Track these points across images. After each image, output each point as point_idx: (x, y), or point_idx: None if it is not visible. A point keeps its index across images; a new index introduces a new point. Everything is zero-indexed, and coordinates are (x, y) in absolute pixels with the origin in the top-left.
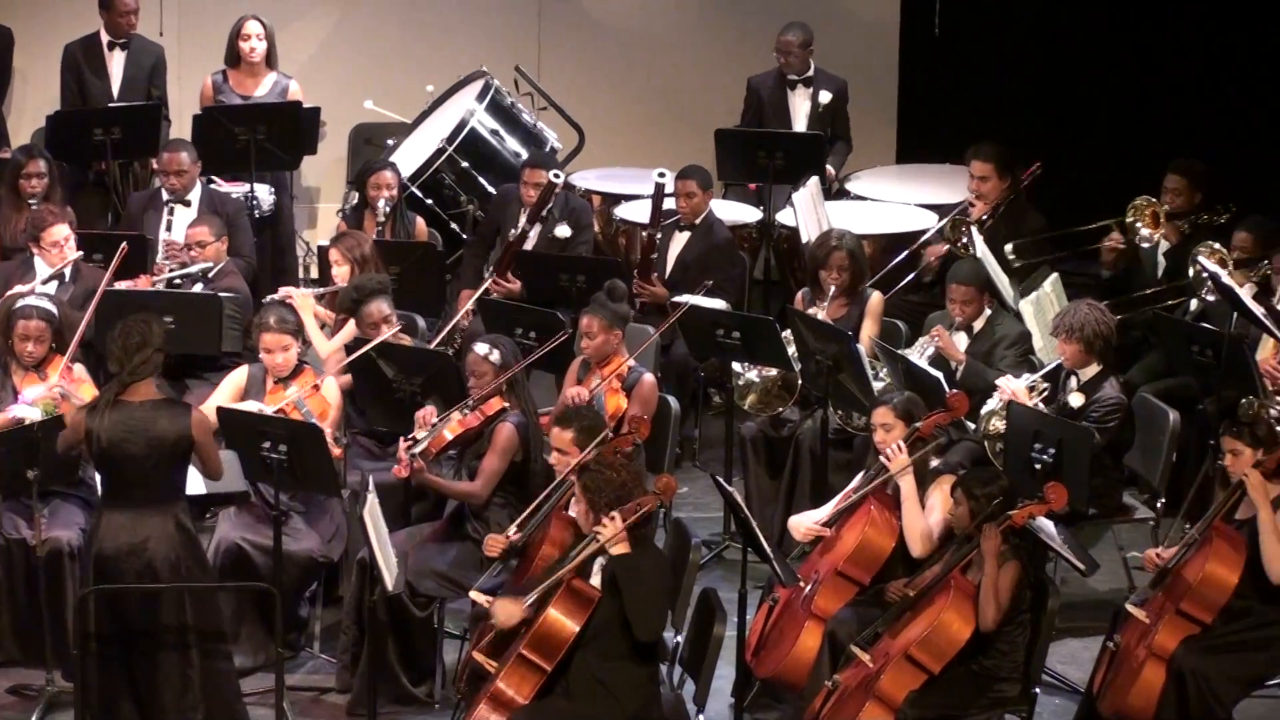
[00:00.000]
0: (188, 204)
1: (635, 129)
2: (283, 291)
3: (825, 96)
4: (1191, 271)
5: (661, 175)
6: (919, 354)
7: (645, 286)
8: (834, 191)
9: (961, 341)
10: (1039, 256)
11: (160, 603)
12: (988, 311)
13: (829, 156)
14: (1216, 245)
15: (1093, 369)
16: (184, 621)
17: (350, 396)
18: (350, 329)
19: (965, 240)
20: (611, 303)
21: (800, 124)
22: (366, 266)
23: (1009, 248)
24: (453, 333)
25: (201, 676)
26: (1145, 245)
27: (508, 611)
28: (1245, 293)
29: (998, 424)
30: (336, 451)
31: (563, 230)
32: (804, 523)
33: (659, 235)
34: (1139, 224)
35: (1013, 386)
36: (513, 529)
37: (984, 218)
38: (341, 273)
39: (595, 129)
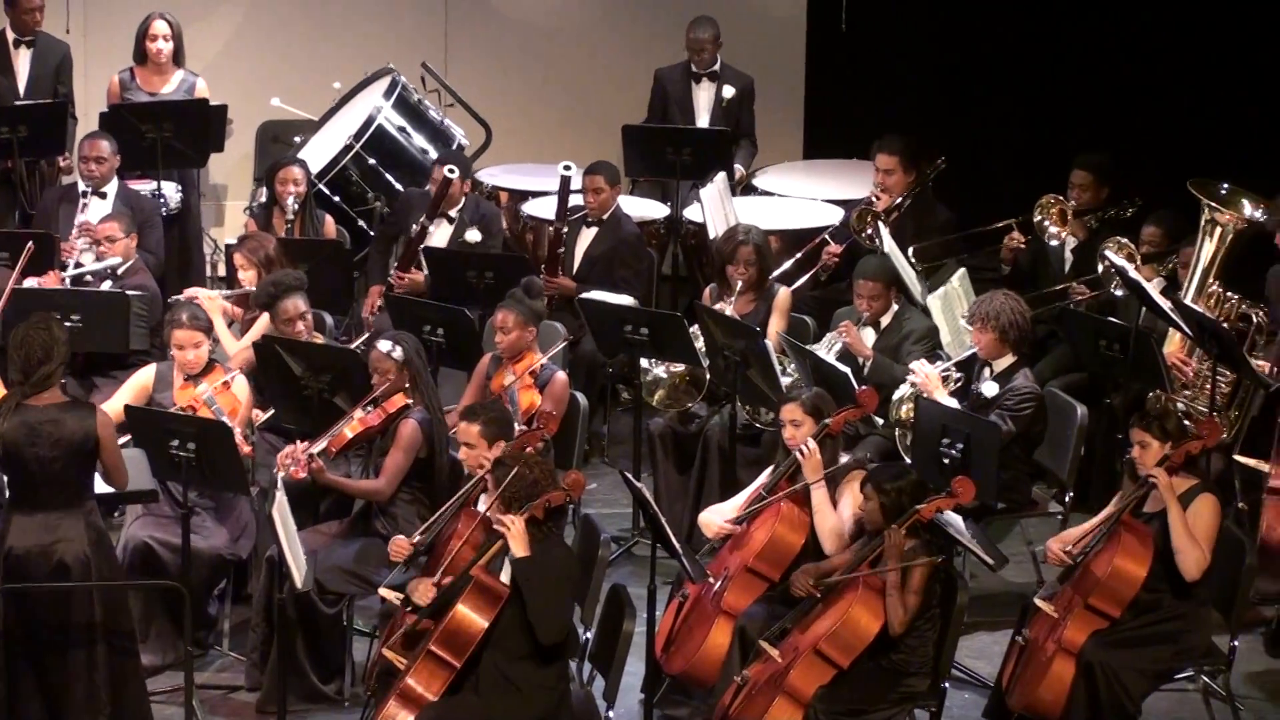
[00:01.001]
0: (103, 196)
1: (542, 125)
2: (189, 293)
3: (729, 91)
4: (1100, 267)
5: (567, 168)
6: (827, 349)
7: (553, 281)
8: (742, 189)
9: (869, 337)
10: (945, 252)
11: (71, 603)
12: (895, 307)
13: (739, 158)
14: (1124, 240)
15: (1007, 360)
16: (93, 621)
17: (259, 391)
18: (263, 324)
19: (870, 233)
20: (529, 299)
21: (704, 118)
22: (272, 267)
23: (911, 251)
24: (362, 330)
25: (109, 676)
26: (1053, 243)
27: (424, 589)
28: (1153, 287)
29: (908, 412)
30: (247, 449)
31: (473, 235)
32: (715, 521)
33: (565, 230)
34: (1046, 222)
35: (926, 370)
36: (417, 535)
37: (888, 210)
38: (248, 277)
39: (502, 125)
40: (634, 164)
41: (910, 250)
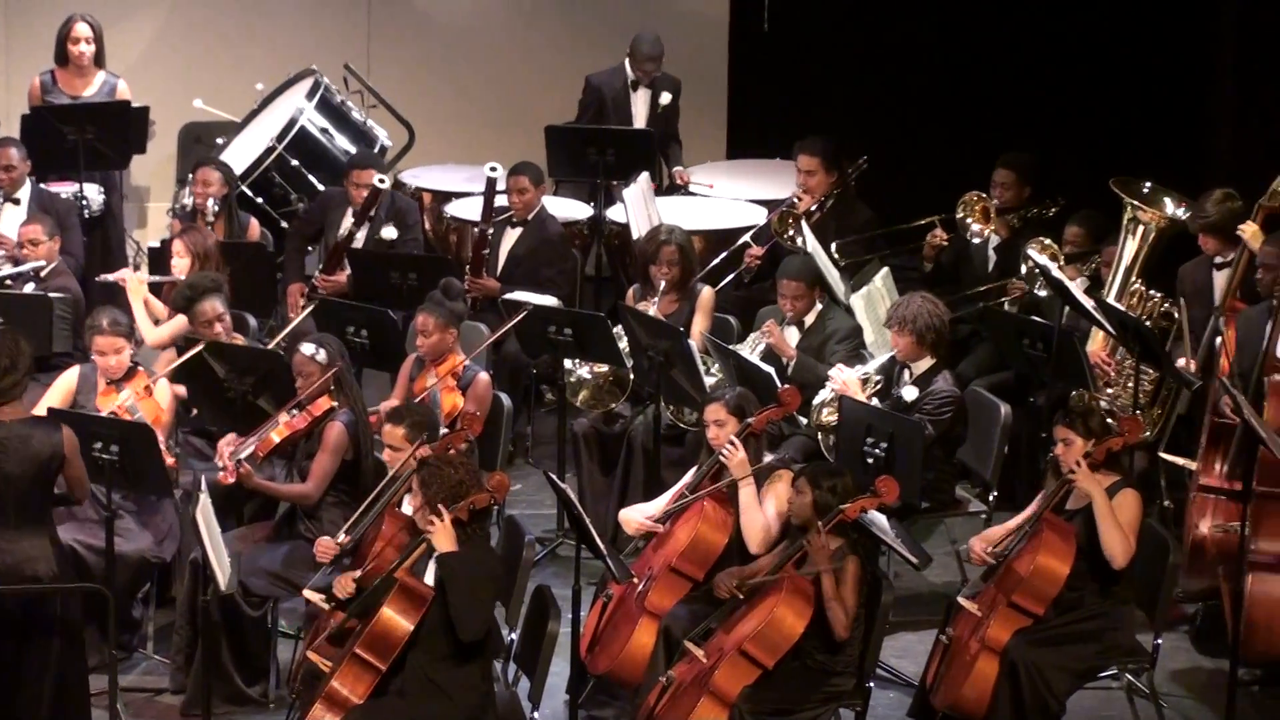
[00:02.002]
0: (17, 202)
1: (465, 126)
2: (117, 274)
3: (666, 98)
4: (1024, 267)
5: (493, 170)
6: (750, 349)
7: (477, 282)
8: (674, 190)
9: (793, 337)
10: (867, 251)
11: (35, 613)
12: (819, 306)
13: (669, 157)
14: (1047, 240)
15: (926, 362)
16: (53, 631)
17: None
18: (180, 323)
19: (793, 233)
20: (448, 301)
21: (640, 124)
22: (207, 263)
23: (834, 247)
24: (285, 329)
25: (56, 685)
26: (976, 240)
27: (344, 582)
28: (1076, 286)
29: (829, 416)
30: (169, 460)
31: (389, 232)
32: (635, 517)
33: (490, 231)
34: (969, 220)
35: (845, 376)
36: (342, 534)
37: (810, 210)
38: (182, 265)
39: (425, 126)
40: (557, 165)
41: (834, 246)
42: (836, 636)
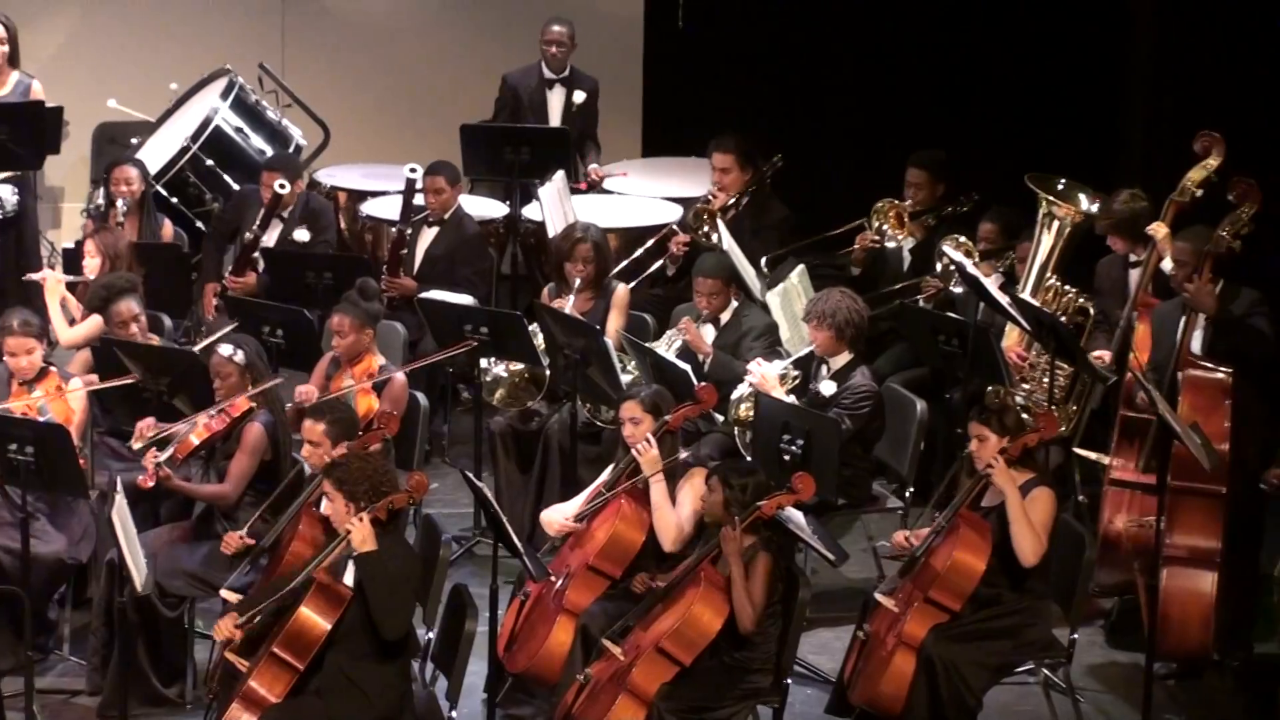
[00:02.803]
0: None
1: (381, 125)
2: (39, 274)
3: (580, 96)
4: (940, 265)
5: (413, 170)
6: (666, 346)
7: (394, 281)
8: (591, 188)
9: (709, 334)
10: (783, 248)
11: None
12: (734, 304)
13: (584, 156)
14: (962, 239)
15: (844, 357)
16: None
17: (96, 394)
18: (95, 323)
19: (708, 229)
20: (363, 301)
21: (555, 123)
22: (119, 263)
23: (765, 262)
24: (201, 332)
25: None
26: (891, 244)
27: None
28: (991, 283)
29: (747, 412)
30: (80, 462)
31: (301, 234)
32: (556, 519)
33: (409, 231)
34: (885, 226)
35: (763, 371)
36: (244, 530)
37: (726, 207)
38: (93, 265)
39: (341, 125)
40: (472, 163)
41: (764, 261)
42: (740, 629)
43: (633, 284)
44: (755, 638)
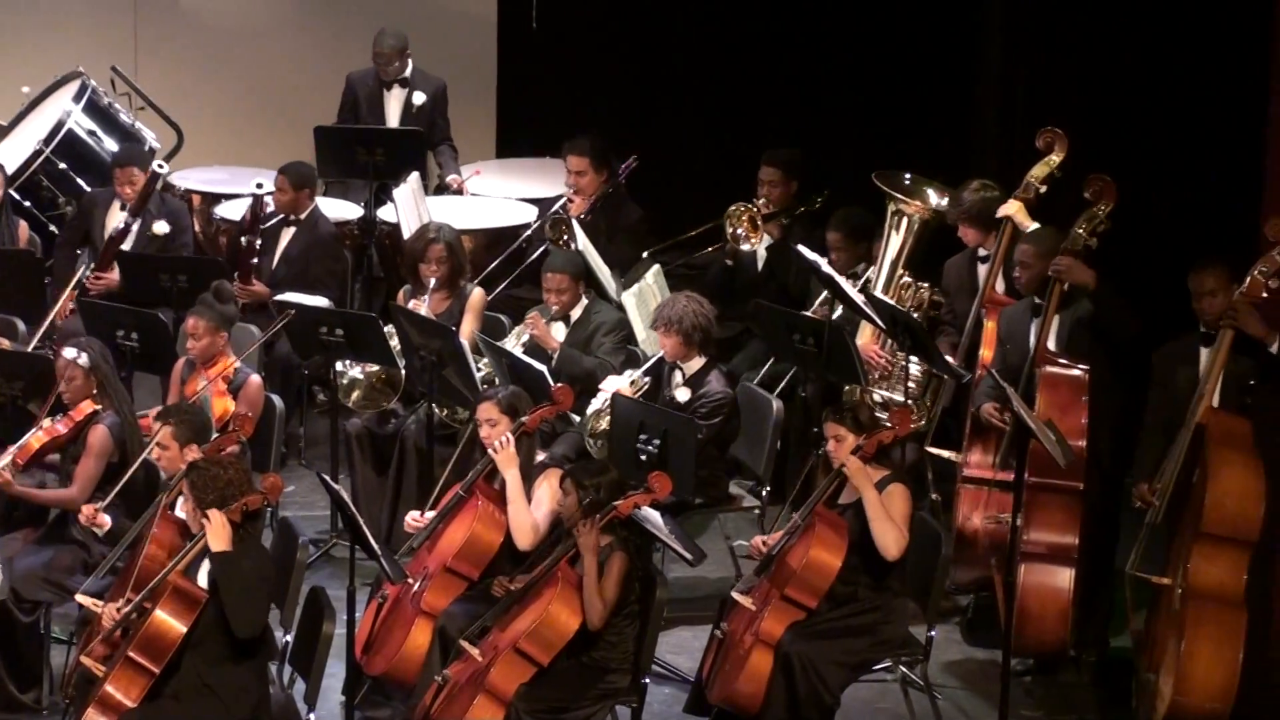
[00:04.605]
0: None
1: (235, 127)
2: None
3: (420, 98)
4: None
5: (260, 186)
6: (515, 342)
7: (247, 289)
8: (444, 189)
9: (560, 333)
10: (638, 248)
11: None
12: (584, 301)
13: (444, 164)
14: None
15: (696, 362)
16: None
17: None
18: None
19: (567, 237)
20: (218, 304)
21: (394, 124)
22: None
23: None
24: (50, 332)
25: None
26: (745, 247)
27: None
28: (845, 280)
29: (602, 424)
30: None
31: (160, 226)
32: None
33: (259, 241)
34: (739, 231)
35: (615, 386)
36: (100, 505)
37: (583, 215)
38: None
39: (194, 128)
40: (326, 165)
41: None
42: (590, 626)
43: (495, 291)
44: (610, 637)
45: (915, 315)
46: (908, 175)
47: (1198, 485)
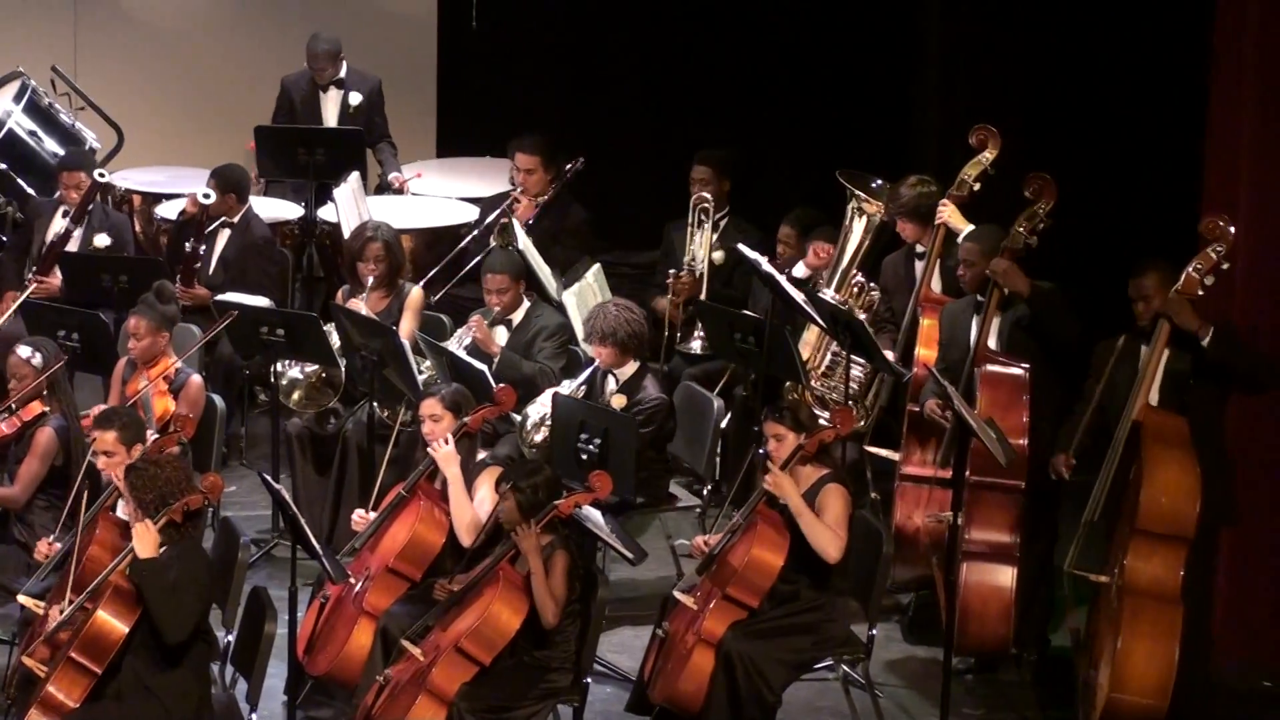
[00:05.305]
0: None
1: (175, 127)
2: None
3: (356, 99)
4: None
5: (206, 196)
6: (457, 344)
7: (188, 292)
8: (385, 189)
9: (502, 336)
10: (582, 250)
11: None
12: (527, 303)
13: (384, 162)
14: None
15: (630, 367)
16: None
17: None
18: None
19: (509, 241)
20: (160, 304)
21: (331, 125)
22: None
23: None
24: None
25: None
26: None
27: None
28: (785, 280)
29: (541, 435)
30: None
31: (102, 239)
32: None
33: (202, 247)
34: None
35: (554, 395)
36: (53, 538)
37: (530, 221)
38: None
39: (135, 128)
40: (267, 165)
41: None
42: (545, 624)
43: (440, 292)
44: (555, 636)
45: (863, 317)
46: (876, 179)
47: (1134, 482)
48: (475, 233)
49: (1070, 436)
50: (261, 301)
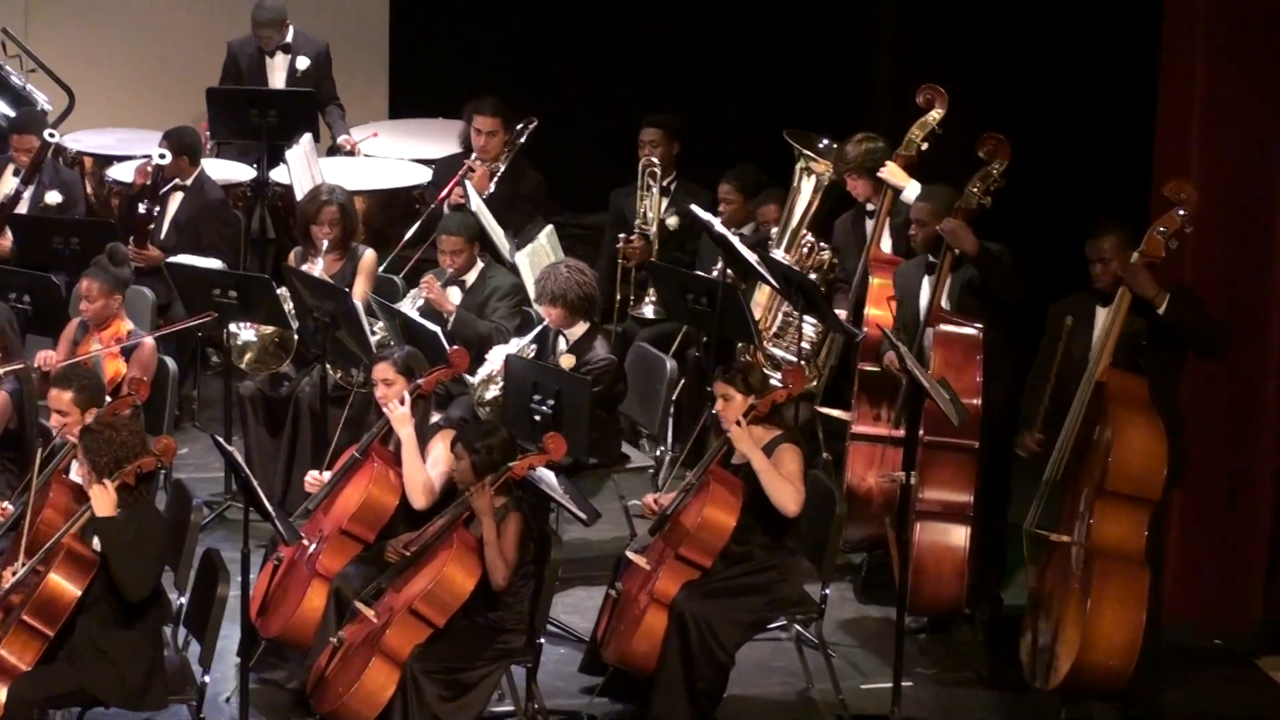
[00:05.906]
0: None
1: (126, 89)
2: None
3: (304, 63)
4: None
5: (163, 157)
6: (410, 304)
7: (141, 253)
8: (337, 150)
9: (456, 296)
10: (538, 214)
11: None
12: (480, 265)
13: (333, 125)
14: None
15: (579, 328)
16: None
17: None
18: None
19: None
20: (112, 266)
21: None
22: None
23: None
24: None
25: None
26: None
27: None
28: (738, 240)
29: (492, 392)
30: None
31: (53, 196)
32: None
33: (157, 209)
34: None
35: (502, 356)
36: (7, 503)
37: (491, 190)
38: None
39: (86, 90)
40: (219, 127)
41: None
42: (494, 586)
43: (393, 253)
44: (508, 597)
45: (814, 277)
46: (824, 139)
47: (1098, 443)
48: (432, 206)
49: (1034, 410)
50: (214, 263)
